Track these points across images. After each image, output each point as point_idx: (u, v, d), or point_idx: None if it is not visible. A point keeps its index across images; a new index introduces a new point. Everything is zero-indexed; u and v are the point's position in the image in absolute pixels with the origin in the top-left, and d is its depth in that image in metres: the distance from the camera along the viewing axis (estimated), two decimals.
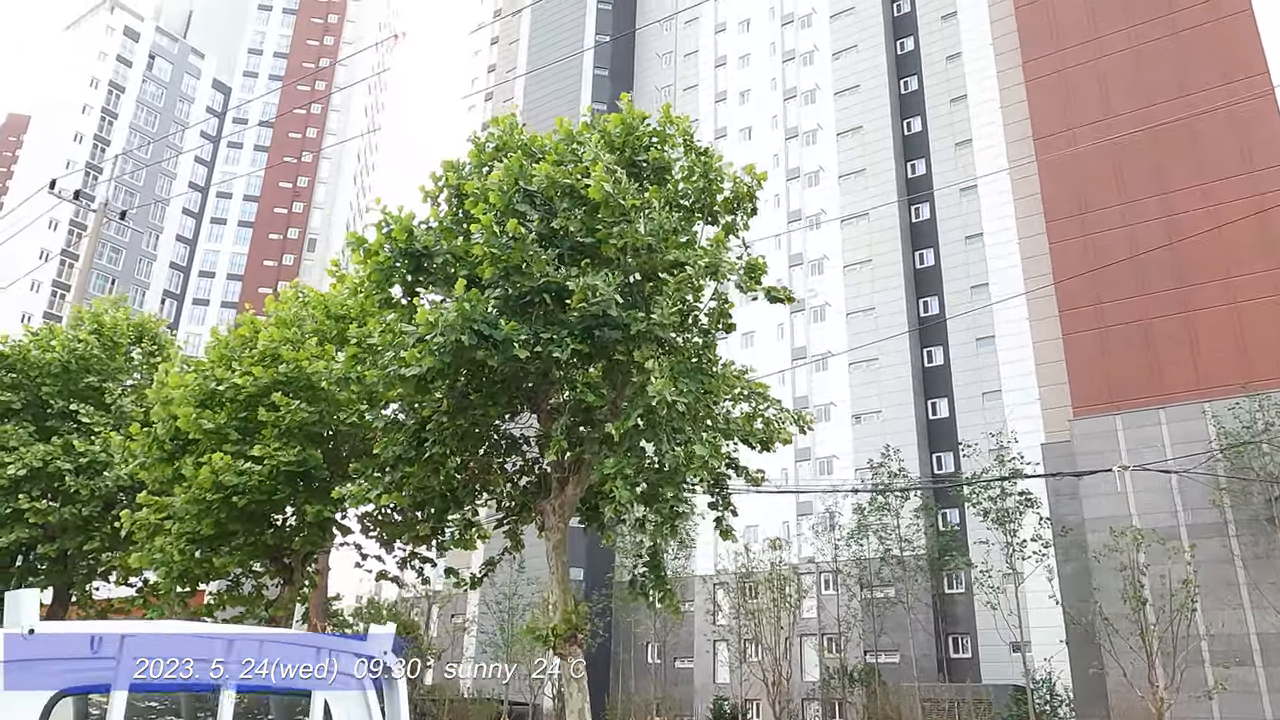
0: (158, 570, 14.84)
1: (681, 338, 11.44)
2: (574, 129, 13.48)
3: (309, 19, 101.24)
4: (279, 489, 14.23)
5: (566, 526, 12.57)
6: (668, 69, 69.05)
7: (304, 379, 14.63)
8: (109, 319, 20.09)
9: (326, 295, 16.38)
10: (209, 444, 14.59)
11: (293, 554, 15.64)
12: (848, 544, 42.44)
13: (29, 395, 18.84)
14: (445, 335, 10.20)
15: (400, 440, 11.88)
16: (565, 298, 11.38)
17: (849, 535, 41.86)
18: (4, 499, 17.45)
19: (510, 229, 10.93)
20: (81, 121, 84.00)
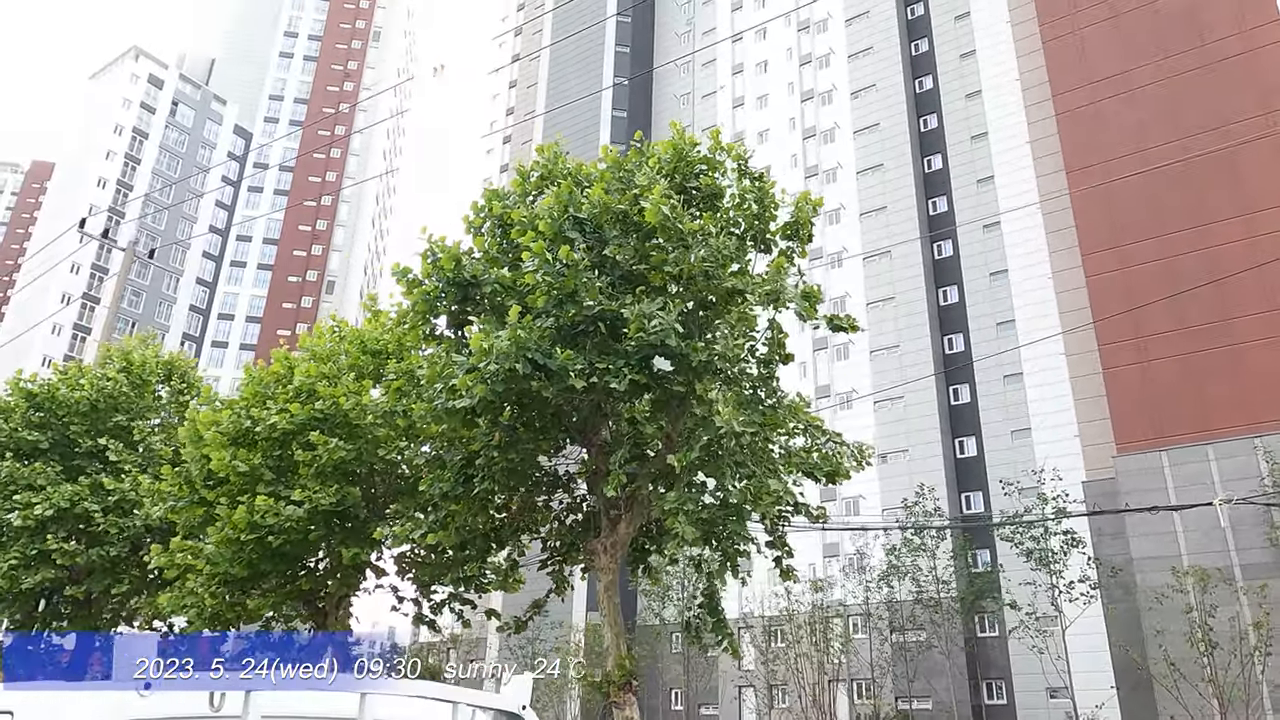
0: (187, 613, 14.31)
1: (737, 368, 10.96)
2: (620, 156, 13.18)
3: (329, 65, 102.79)
4: (315, 530, 13.73)
5: (618, 566, 12.01)
6: (686, 109, 69.43)
7: (341, 416, 14.20)
8: (138, 357, 19.78)
9: (362, 330, 16.01)
10: (242, 484, 14.14)
11: (326, 597, 15.09)
12: (878, 586, 41.48)
13: (57, 434, 18.49)
14: (499, 363, 9.76)
15: (446, 477, 11.39)
16: (618, 327, 10.97)
17: (880, 577, 40.91)
18: (30, 540, 17.01)
19: (563, 255, 10.54)
20: (106, 167, 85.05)
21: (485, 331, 10.00)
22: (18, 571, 16.61)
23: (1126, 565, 26.07)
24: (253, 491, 13.99)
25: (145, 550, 17.98)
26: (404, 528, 11.91)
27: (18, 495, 17.02)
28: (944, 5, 59.15)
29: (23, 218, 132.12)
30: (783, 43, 65.82)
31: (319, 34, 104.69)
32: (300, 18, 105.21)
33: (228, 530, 13.93)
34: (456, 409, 10.70)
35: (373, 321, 16.55)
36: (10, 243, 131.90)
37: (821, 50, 63.34)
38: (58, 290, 78.56)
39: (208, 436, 14.44)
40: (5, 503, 17.21)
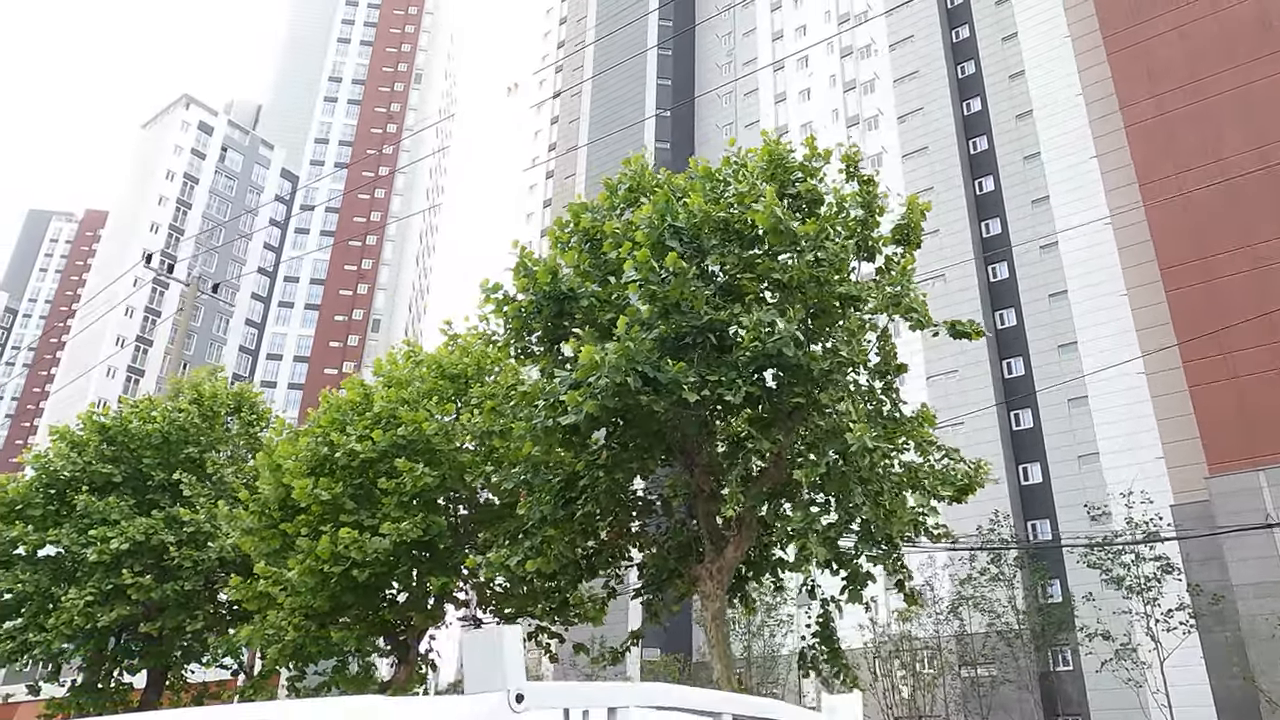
0: (269, 647, 13.82)
1: (862, 378, 10.32)
2: (712, 167, 12.73)
3: (373, 108, 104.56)
4: (400, 561, 13.21)
5: (725, 594, 11.33)
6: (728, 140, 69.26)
7: (423, 442, 13.74)
8: (208, 389, 19.58)
9: (439, 354, 15.61)
10: (323, 514, 13.70)
11: (408, 630, 14.54)
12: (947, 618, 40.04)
13: (129, 468, 18.27)
14: (610, 377, 9.21)
15: (545, 500, 10.83)
16: (725, 338, 10.42)
17: (949, 608, 39.49)
18: (105, 575, 16.70)
19: (670, 264, 10.02)
20: (158, 212, 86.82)
21: (591, 345, 9.47)
22: (93, 608, 16.27)
23: (1226, 591, 24.70)
24: (335, 521, 13.55)
25: (218, 584, 17.63)
26: (499, 555, 11.34)
27: (93, 530, 16.75)
28: (991, 26, 58.59)
29: (76, 265, 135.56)
30: (825, 70, 65.56)
31: (362, 78, 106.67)
32: (344, 63, 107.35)
33: (309, 561, 13.48)
34: (560, 426, 10.17)
35: (443, 348, 16.17)
36: (65, 289, 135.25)
37: (866, 75, 62.95)
38: (112, 334, 79.90)
39: (287, 465, 14.04)
40: (81, 537, 16.95)
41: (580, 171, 75.48)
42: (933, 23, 60.79)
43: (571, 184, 76.51)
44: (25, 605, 17.71)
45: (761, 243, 11.24)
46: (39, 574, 17.21)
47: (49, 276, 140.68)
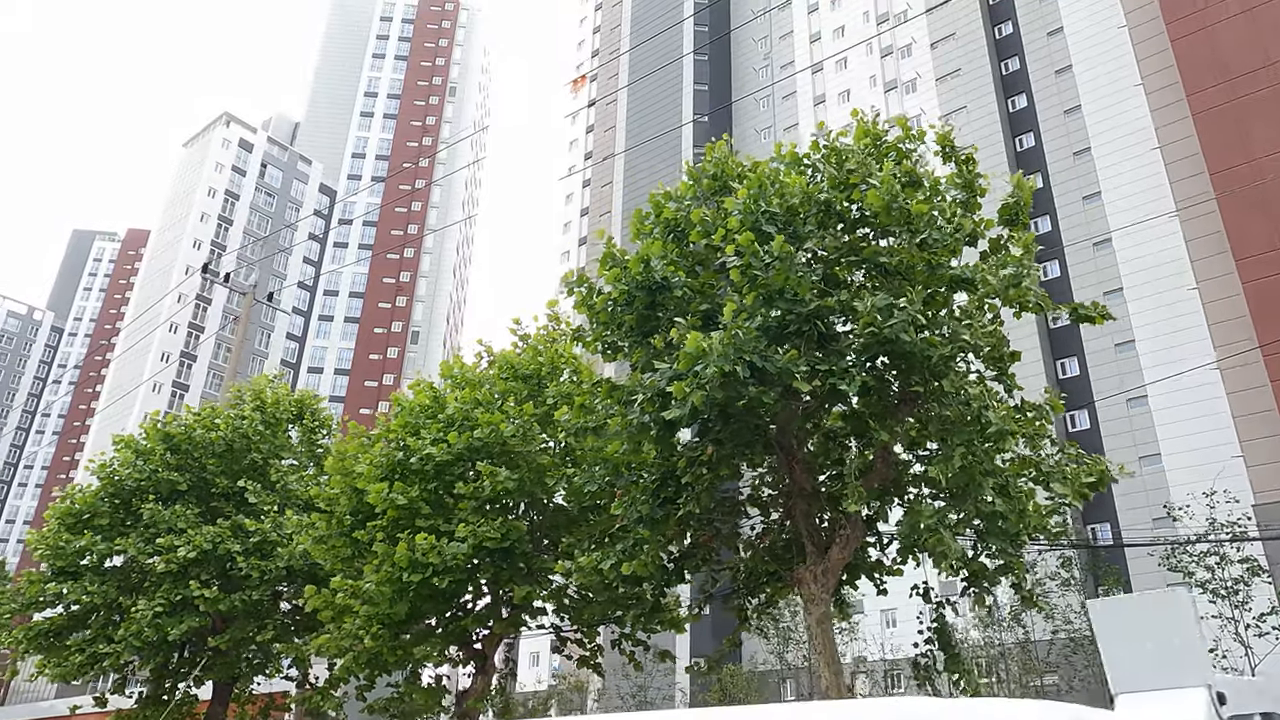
0: (344, 656, 13.41)
1: (983, 364, 9.71)
2: (799, 151, 12.19)
3: (408, 123, 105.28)
4: (480, 567, 12.76)
5: (831, 597, 10.73)
6: (768, 143, 68.58)
7: (500, 444, 13.29)
8: (270, 395, 19.33)
9: (509, 355, 15.18)
10: (398, 519, 13.29)
11: (487, 639, 14.07)
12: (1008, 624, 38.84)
13: (194, 476, 18.03)
14: (719, 365, 8.68)
15: (643, 500, 10.30)
16: (831, 325, 9.86)
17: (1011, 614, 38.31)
18: (173, 585, 16.42)
19: (776, 248, 9.49)
20: (200, 229, 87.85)
21: (696, 334, 8.94)
22: (162, 620, 15.99)
23: None
24: (411, 527, 13.13)
25: (285, 594, 17.30)
26: (590, 559, 10.82)
27: (160, 539, 16.50)
28: (1034, 22, 57.56)
29: (120, 283, 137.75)
30: (865, 70, 64.80)
31: (397, 92, 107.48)
32: (379, 78, 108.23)
33: (385, 569, 13.07)
34: (661, 421, 9.65)
35: (516, 346, 15.77)
36: (109, 308, 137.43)
37: (907, 75, 62.11)
38: (157, 350, 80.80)
39: (361, 469, 13.66)
40: (148, 547, 16.71)
41: (618, 180, 75.26)
42: (974, 20, 59.85)
43: (609, 192, 76.30)
44: (92, 616, 17.51)
45: (863, 225, 10.69)
46: (106, 585, 16.99)
47: (93, 295, 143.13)
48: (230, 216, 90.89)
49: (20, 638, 17.79)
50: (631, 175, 73.85)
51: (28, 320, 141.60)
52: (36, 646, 17.73)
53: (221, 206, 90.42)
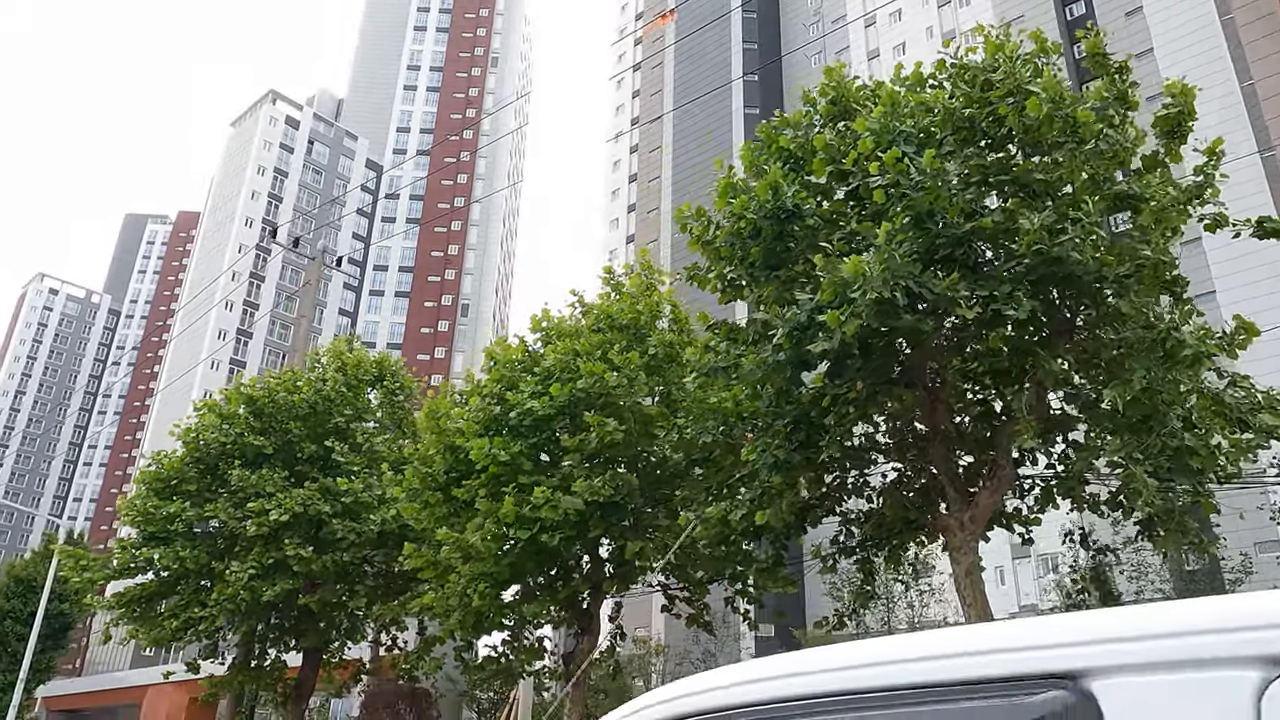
0: (449, 616, 12.99)
1: (1165, 284, 8.84)
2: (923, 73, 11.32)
3: (451, 94, 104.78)
4: (590, 523, 12.21)
5: (978, 546, 9.99)
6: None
7: (605, 395, 12.68)
8: (351, 358, 18.96)
9: (606, 304, 14.54)
10: (500, 475, 12.78)
11: (592, 597, 13.57)
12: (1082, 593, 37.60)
13: (278, 440, 17.73)
14: (879, 291, 7.93)
15: (777, 444, 9.61)
16: (983, 249, 9.06)
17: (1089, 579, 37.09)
18: (265, 548, 16.16)
19: (927, 163, 8.68)
20: (251, 207, 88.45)
21: (854, 259, 8.18)
22: (258, 583, 15.74)
23: None
24: (514, 482, 12.63)
25: (378, 556, 16.99)
26: (717, 509, 10.19)
27: (251, 503, 16.22)
28: None
29: (173, 265, 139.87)
30: (921, 21, 62.74)
31: (440, 65, 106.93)
32: (421, 51, 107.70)
33: (489, 526, 12.60)
34: (801, 358, 8.96)
35: (608, 296, 15.14)
36: (163, 289, 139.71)
37: (966, 24, 59.95)
38: (214, 328, 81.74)
39: (462, 425, 13.16)
40: (238, 511, 16.45)
41: (667, 143, 74.04)
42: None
43: (657, 157, 75.15)
44: (182, 582, 17.34)
45: (1009, 142, 9.82)
46: (197, 549, 16.80)
47: (148, 278, 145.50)
48: (280, 194, 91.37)
49: (113, 604, 17.75)
50: (681, 139, 72.61)
51: (86, 304, 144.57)
52: (129, 613, 17.66)
53: (271, 184, 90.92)
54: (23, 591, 34.25)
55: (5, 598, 34.34)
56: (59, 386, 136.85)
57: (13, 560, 40.84)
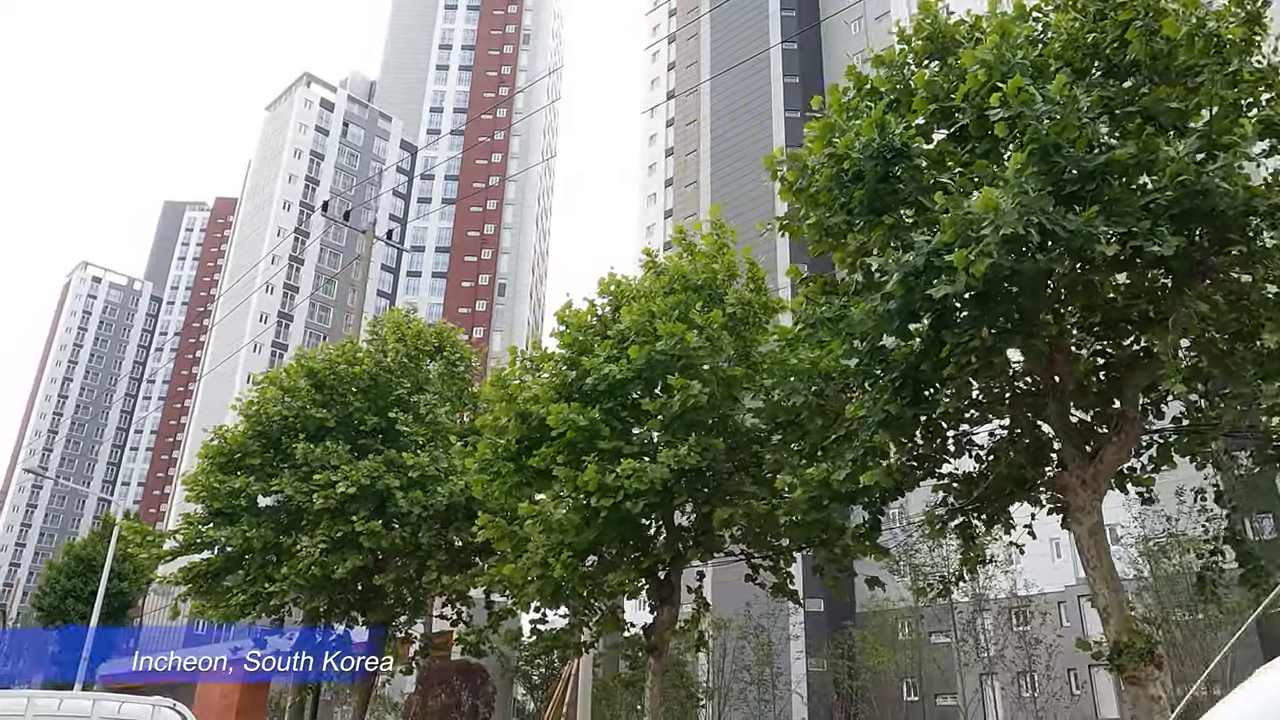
0: (528, 587, 12.61)
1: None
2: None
3: (484, 73, 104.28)
4: (676, 490, 11.74)
5: (1101, 505, 9.38)
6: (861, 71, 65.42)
7: (686, 357, 12.17)
8: (409, 329, 18.63)
9: (679, 265, 14.00)
10: (577, 442, 12.35)
11: (673, 567, 13.12)
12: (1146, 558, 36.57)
13: (340, 412, 17.46)
14: (1013, 227, 7.31)
15: (886, 398, 9.03)
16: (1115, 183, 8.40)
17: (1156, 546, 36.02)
18: (332, 523, 15.90)
19: (1056, 90, 8.02)
20: (289, 190, 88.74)
21: (989, 190, 7.56)
22: (328, 558, 15.49)
23: None
24: (593, 449, 12.20)
25: (447, 530, 16.69)
26: (819, 470, 9.66)
27: (317, 476, 15.96)
28: None
29: (211, 251, 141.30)
30: None
31: (472, 43, 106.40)
32: (453, 29, 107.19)
33: (568, 495, 12.19)
34: (913, 306, 8.38)
35: (680, 255, 14.61)
36: (203, 275, 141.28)
37: None
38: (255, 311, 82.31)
39: (536, 392, 12.73)
40: (304, 485, 16.20)
41: (704, 115, 73.01)
42: None
43: (694, 130, 74.14)
44: (248, 557, 17.15)
45: (1138, 70, 9.10)
46: (263, 525, 16.59)
47: (187, 264, 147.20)
48: (316, 177, 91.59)
49: (180, 580, 17.65)
50: (719, 111, 71.57)
51: (128, 291, 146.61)
52: (196, 589, 17.56)
53: (307, 167, 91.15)
54: (83, 571, 34.68)
55: (66, 577, 34.80)
56: (104, 373, 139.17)
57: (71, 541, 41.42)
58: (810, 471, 9.76)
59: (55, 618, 34.49)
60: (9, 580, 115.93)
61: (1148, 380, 9.13)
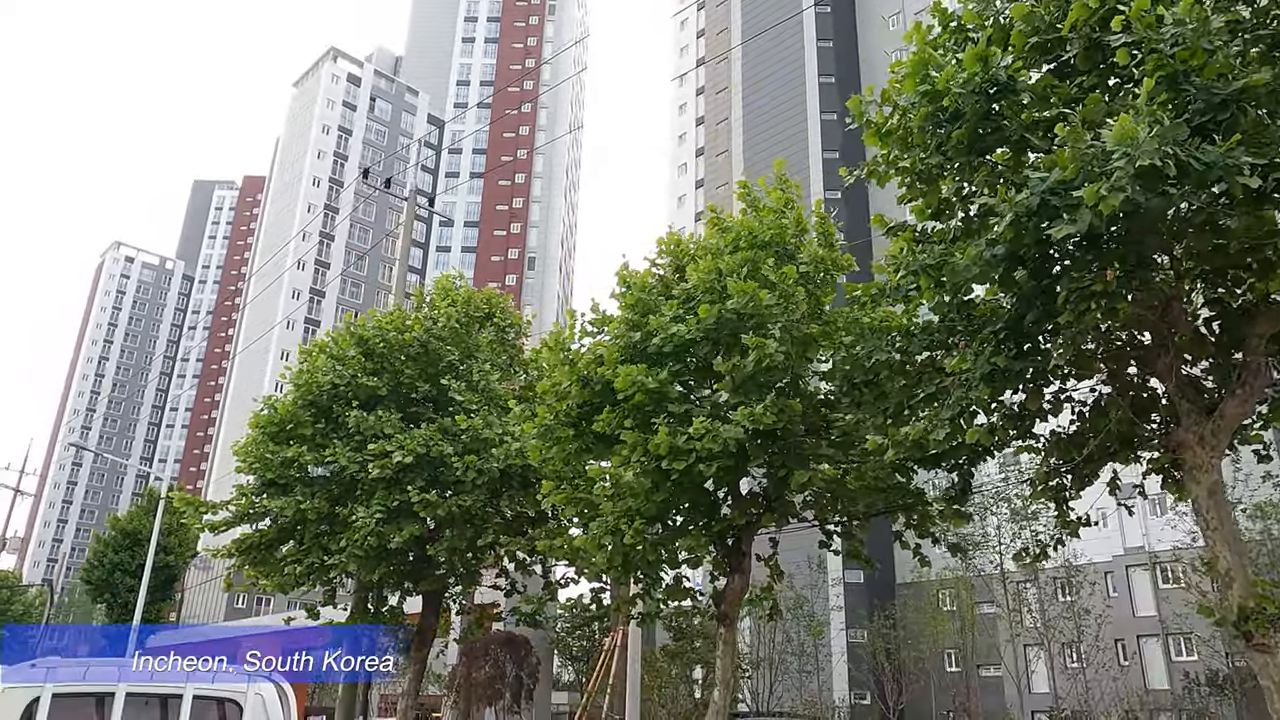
0: (597, 555, 12.24)
1: None
2: None
3: (510, 45, 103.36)
4: (752, 452, 11.27)
5: (1220, 461, 8.79)
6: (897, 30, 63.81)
7: (757, 315, 11.65)
8: (459, 294, 18.23)
9: (747, 221, 13.44)
10: (645, 404, 11.91)
11: (744, 533, 12.67)
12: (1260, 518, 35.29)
13: (390, 380, 17.12)
14: (1149, 158, 6.70)
15: (990, 349, 8.47)
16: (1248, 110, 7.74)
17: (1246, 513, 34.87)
18: (388, 492, 15.60)
19: (1184, 10, 7.37)
20: (318, 165, 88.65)
21: (1125, 117, 6.93)
22: (385, 528, 15.19)
23: None
24: (662, 412, 11.76)
25: (501, 498, 16.36)
26: (916, 428, 9.13)
27: (371, 445, 15.64)
28: None
29: (241, 230, 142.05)
30: None
31: (497, 15, 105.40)
32: (478, 1, 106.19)
33: (636, 458, 11.76)
34: (1029, 249, 7.80)
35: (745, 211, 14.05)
36: (233, 254, 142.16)
37: None
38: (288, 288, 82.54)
39: (603, 354, 12.29)
40: (357, 454, 15.89)
41: (735, 83, 71.79)
42: None
43: (725, 98, 72.96)
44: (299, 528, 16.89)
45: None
46: (316, 496, 16.32)
47: (218, 243, 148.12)
48: (345, 152, 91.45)
49: (233, 551, 17.49)
50: (751, 78, 70.31)
51: (161, 270, 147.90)
52: (250, 560, 17.38)
53: (336, 143, 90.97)
54: (129, 544, 34.93)
55: (114, 550, 35.08)
56: (139, 351, 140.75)
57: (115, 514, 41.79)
58: (905, 430, 9.22)
59: (104, 591, 34.82)
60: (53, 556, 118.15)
61: (1273, 328, 8.50)
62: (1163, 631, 42.30)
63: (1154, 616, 43.09)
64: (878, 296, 11.24)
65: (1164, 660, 42.29)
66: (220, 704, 5.45)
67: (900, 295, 10.25)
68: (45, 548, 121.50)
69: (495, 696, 38.14)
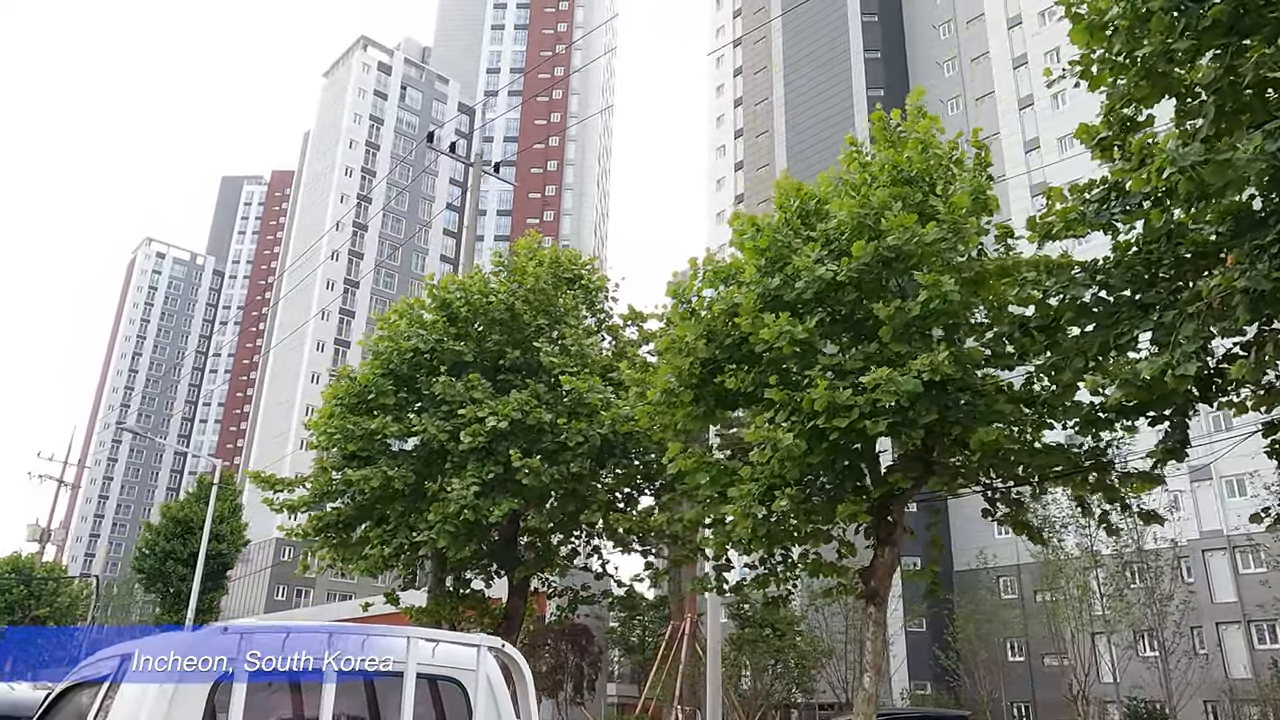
0: (737, 527, 10.94)
1: None
2: None
3: (540, 31, 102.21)
4: (918, 407, 9.92)
5: None
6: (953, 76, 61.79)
7: (920, 252, 10.29)
8: (548, 254, 17.00)
9: (891, 154, 12.05)
10: (791, 357, 10.61)
11: (897, 501, 11.33)
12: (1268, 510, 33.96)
13: (476, 346, 15.90)
14: None
15: (1263, 265, 7.09)
16: None
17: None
18: (480, 463, 14.36)
19: None
20: (350, 155, 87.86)
21: None
22: (481, 501, 13.96)
23: None
24: (812, 365, 10.46)
25: (602, 468, 15.12)
26: (1152, 367, 7.75)
27: (461, 412, 14.41)
28: None
29: (270, 224, 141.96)
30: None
31: (527, 1, 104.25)
32: None
33: (782, 417, 10.46)
34: None
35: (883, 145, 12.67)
36: (263, 249, 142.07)
37: None
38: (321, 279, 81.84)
39: (740, 302, 10.98)
40: (445, 423, 14.67)
41: (776, 62, 70.11)
42: None
43: (765, 77, 71.30)
44: (379, 505, 15.70)
45: None
46: (403, 468, 15.13)
47: (247, 238, 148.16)
48: (376, 142, 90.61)
49: (308, 531, 16.35)
50: (792, 56, 68.61)
51: (192, 266, 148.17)
52: (326, 540, 16.25)
53: (367, 132, 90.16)
54: (181, 533, 34.09)
55: (165, 539, 34.25)
56: (172, 347, 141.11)
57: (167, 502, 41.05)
58: (1141, 365, 7.83)
59: (156, 580, 34.01)
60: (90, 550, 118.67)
61: None
62: (1244, 618, 40.53)
63: (1234, 602, 41.32)
64: (1057, 227, 9.82)
65: (1246, 648, 40.51)
66: (433, 683, 4.19)
67: (1102, 221, 8.91)
68: (83, 542, 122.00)
69: (556, 688, 37.17)
